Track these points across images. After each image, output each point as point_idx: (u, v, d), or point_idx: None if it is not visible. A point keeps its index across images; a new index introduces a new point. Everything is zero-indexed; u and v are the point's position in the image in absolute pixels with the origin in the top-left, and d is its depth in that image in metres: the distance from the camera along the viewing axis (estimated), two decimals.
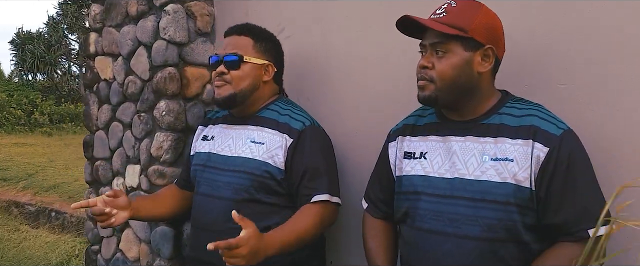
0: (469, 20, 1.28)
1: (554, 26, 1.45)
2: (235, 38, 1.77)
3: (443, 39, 1.29)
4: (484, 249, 1.25)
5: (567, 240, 1.22)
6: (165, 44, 2.06)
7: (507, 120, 1.30)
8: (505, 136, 1.28)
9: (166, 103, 2.07)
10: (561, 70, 1.44)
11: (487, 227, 1.24)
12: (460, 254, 1.26)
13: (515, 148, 1.25)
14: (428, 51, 1.33)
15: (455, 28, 1.27)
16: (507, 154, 1.25)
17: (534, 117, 1.28)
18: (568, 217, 1.21)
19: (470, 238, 1.25)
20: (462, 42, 1.28)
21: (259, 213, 1.66)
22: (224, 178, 1.72)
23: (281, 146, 1.67)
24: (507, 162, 1.25)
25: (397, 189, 1.45)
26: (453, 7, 1.31)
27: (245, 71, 1.72)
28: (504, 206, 1.24)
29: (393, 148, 1.49)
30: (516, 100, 1.35)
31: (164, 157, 2.07)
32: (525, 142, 1.25)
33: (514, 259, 1.25)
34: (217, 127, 1.86)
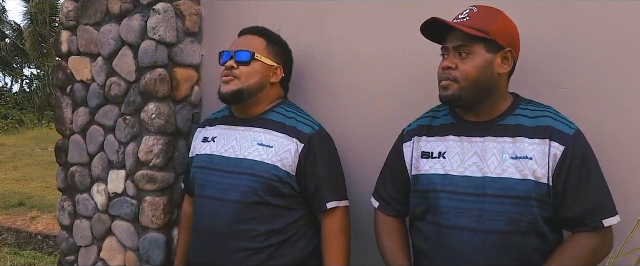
0: (491, 23, 1.36)
1: (555, 29, 1.55)
2: (249, 37, 1.79)
3: (467, 41, 1.37)
4: (508, 242, 1.33)
5: (583, 231, 1.33)
6: (154, 44, 2.00)
7: (522, 121, 1.39)
8: (523, 136, 1.36)
9: (156, 105, 2.01)
10: (561, 72, 1.55)
11: (510, 221, 1.33)
12: (485, 248, 1.34)
13: (533, 147, 1.34)
14: (451, 53, 1.40)
15: (479, 30, 1.34)
16: (526, 153, 1.34)
17: (548, 118, 1.38)
18: (584, 209, 1.32)
19: (495, 232, 1.33)
20: (485, 44, 1.36)
21: (267, 215, 1.67)
22: (230, 180, 1.70)
23: (290, 150, 1.69)
24: (526, 160, 1.34)
25: (414, 187, 1.50)
26: (475, 12, 1.38)
27: (255, 68, 1.73)
28: (525, 201, 1.32)
29: (408, 148, 1.54)
30: (527, 102, 1.45)
31: (154, 161, 2.01)
32: (542, 141, 1.34)
33: (534, 249, 1.35)
34: (217, 128, 1.83)
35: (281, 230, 1.69)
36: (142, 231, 2.08)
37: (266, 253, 1.67)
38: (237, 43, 1.78)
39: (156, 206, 2.03)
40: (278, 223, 1.68)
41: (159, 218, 2.03)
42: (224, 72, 1.73)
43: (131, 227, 2.09)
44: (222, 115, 1.88)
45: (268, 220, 1.68)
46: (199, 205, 1.76)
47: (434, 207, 1.43)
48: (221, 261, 1.69)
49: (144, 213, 2.04)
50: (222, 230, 1.68)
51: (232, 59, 1.72)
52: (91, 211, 2.22)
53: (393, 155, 1.60)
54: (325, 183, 1.70)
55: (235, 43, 1.79)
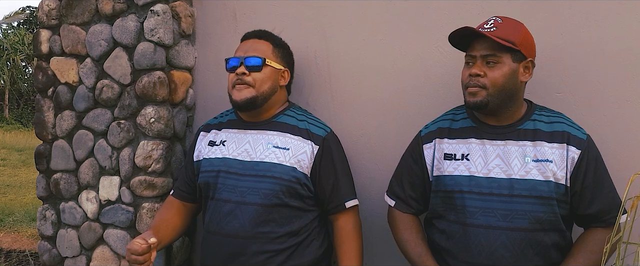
0: (517, 35, 1.46)
1: (552, 42, 1.68)
2: (255, 42, 1.79)
3: (495, 51, 1.46)
4: (532, 238, 1.45)
5: (599, 227, 1.47)
6: (152, 46, 1.95)
7: (540, 126, 1.51)
8: (542, 140, 1.49)
9: (155, 109, 1.96)
10: (558, 79, 1.70)
11: (535, 219, 1.44)
12: (512, 245, 1.45)
13: (553, 151, 1.47)
14: (478, 61, 1.49)
15: (507, 41, 1.44)
16: (547, 156, 1.46)
17: (563, 124, 1.51)
18: (601, 208, 1.46)
19: (521, 230, 1.44)
20: (511, 54, 1.47)
21: (286, 217, 1.71)
22: (248, 183, 1.71)
23: (306, 152, 1.73)
24: (547, 163, 1.46)
25: (436, 188, 1.59)
26: (500, 22, 1.48)
27: (267, 74, 1.75)
28: (548, 201, 1.45)
29: (429, 149, 1.62)
30: (541, 108, 1.57)
31: (154, 166, 1.97)
32: (561, 146, 1.47)
33: (554, 245, 1.47)
34: (225, 132, 1.83)
35: (298, 231, 1.72)
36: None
37: (285, 255, 1.70)
38: (244, 48, 1.78)
39: (155, 213, 1.99)
40: (295, 225, 1.72)
41: None
42: (236, 79, 1.74)
43: (127, 235, 2.04)
44: (228, 118, 1.88)
45: (287, 222, 1.71)
46: (215, 210, 1.75)
47: (458, 207, 1.52)
48: (241, 265, 1.70)
49: (142, 220, 2.00)
50: (242, 233, 1.69)
51: (243, 65, 1.73)
52: (79, 220, 2.13)
53: (411, 156, 1.67)
54: (343, 183, 1.77)
55: (242, 48, 1.79)
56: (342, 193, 1.76)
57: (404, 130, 1.88)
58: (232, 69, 1.76)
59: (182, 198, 1.90)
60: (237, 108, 1.77)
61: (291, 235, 1.71)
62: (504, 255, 1.45)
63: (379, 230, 1.90)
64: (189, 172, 1.89)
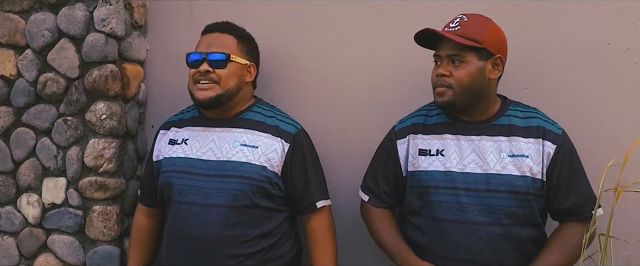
0: (481, 32, 1.49)
1: (520, 39, 1.73)
2: (218, 36, 1.71)
3: (459, 51, 1.48)
4: (509, 233, 1.49)
5: (574, 220, 1.53)
6: (104, 37, 1.83)
7: (515, 121, 1.55)
8: (517, 135, 1.53)
9: (107, 105, 1.84)
10: (526, 76, 1.76)
11: (512, 214, 1.48)
12: (490, 239, 1.48)
13: (529, 146, 1.51)
14: (444, 61, 1.51)
15: (470, 40, 1.47)
16: (523, 151, 1.51)
17: (538, 119, 1.56)
18: (576, 202, 1.52)
19: (499, 225, 1.48)
20: (476, 53, 1.49)
21: (257, 218, 1.66)
22: (214, 184, 1.64)
23: (276, 150, 1.68)
24: (523, 158, 1.50)
25: (411, 183, 1.60)
26: (466, 21, 1.50)
27: (232, 70, 1.68)
28: (524, 195, 1.49)
29: (403, 145, 1.62)
30: (516, 103, 1.62)
31: (106, 166, 1.85)
32: (537, 140, 1.52)
33: (530, 239, 1.52)
34: (187, 130, 1.75)
35: (269, 233, 1.68)
36: (89, 245, 1.90)
37: (257, 258, 1.65)
38: (206, 42, 1.70)
39: (108, 216, 1.87)
40: (266, 227, 1.67)
41: (112, 230, 1.88)
42: (198, 77, 1.66)
43: (75, 241, 1.90)
44: (190, 115, 1.80)
45: (257, 224, 1.66)
46: (178, 213, 1.67)
47: (434, 203, 1.54)
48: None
49: (93, 225, 1.87)
50: (209, 237, 1.62)
51: (206, 62, 1.65)
52: (18, 227, 1.96)
53: (384, 152, 1.68)
54: (313, 182, 1.73)
55: (204, 42, 1.71)
56: (314, 193, 1.73)
57: (373, 125, 1.88)
58: (193, 65, 1.68)
59: (148, 204, 1.82)
60: (201, 107, 1.70)
61: (262, 237, 1.66)
62: (482, 250, 1.48)
63: (349, 228, 1.89)
64: (149, 174, 1.80)
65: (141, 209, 1.87)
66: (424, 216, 1.57)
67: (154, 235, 1.86)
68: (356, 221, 1.84)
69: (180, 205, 1.67)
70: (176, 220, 1.67)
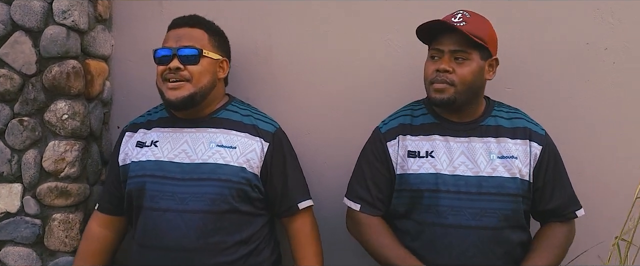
0: (485, 31, 1.47)
1: (502, 39, 1.70)
2: (188, 30, 1.61)
3: (466, 47, 1.44)
4: (501, 236, 1.47)
5: (557, 221, 1.53)
6: (65, 31, 1.69)
7: (501, 122, 1.54)
8: (505, 136, 1.51)
9: (69, 104, 1.70)
10: (508, 76, 1.75)
11: (504, 217, 1.46)
12: (482, 244, 1.45)
13: (517, 148, 1.50)
14: (446, 56, 1.46)
15: (477, 37, 1.44)
16: (512, 152, 1.49)
17: (523, 120, 1.55)
18: (560, 203, 1.52)
19: (491, 229, 1.46)
20: (480, 51, 1.46)
21: (236, 223, 1.58)
22: (190, 188, 1.54)
23: (256, 150, 1.60)
24: (512, 160, 1.48)
25: (399, 186, 1.55)
26: (469, 17, 1.47)
27: (205, 66, 1.59)
28: (514, 198, 1.48)
29: (393, 146, 1.57)
30: (498, 103, 1.61)
31: (68, 171, 1.71)
32: (524, 142, 1.51)
33: (519, 242, 1.51)
34: (156, 132, 1.65)
35: (248, 239, 1.60)
36: (48, 257, 1.75)
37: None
38: (175, 37, 1.60)
39: (70, 225, 1.73)
40: (245, 232, 1.59)
41: (75, 239, 1.73)
42: (169, 74, 1.56)
43: (32, 253, 1.74)
44: (158, 116, 1.70)
45: (236, 230, 1.58)
46: (150, 220, 1.56)
47: (426, 206, 1.49)
48: None
49: (53, 235, 1.72)
50: (186, 245, 1.52)
51: (176, 58, 1.56)
52: None
53: (373, 155, 1.60)
54: (294, 183, 1.67)
55: (173, 37, 1.61)
56: (295, 194, 1.66)
57: (353, 125, 1.84)
58: (162, 61, 1.58)
59: (110, 212, 1.69)
60: (173, 107, 1.60)
61: (241, 244, 1.58)
62: (475, 255, 1.45)
63: (328, 232, 1.82)
64: (114, 180, 1.68)
65: (98, 217, 1.72)
66: (414, 220, 1.53)
67: (107, 249, 1.71)
68: (338, 225, 1.79)
69: (152, 212, 1.56)
70: (148, 228, 1.56)
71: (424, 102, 1.64)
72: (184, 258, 1.52)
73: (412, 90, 1.78)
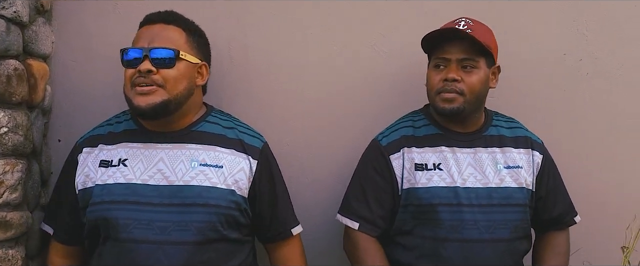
0: (490, 38, 1.46)
1: None
2: (163, 28, 1.43)
3: (474, 55, 1.43)
4: (512, 248, 1.48)
5: (557, 229, 1.58)
6: (4, 24, 1.40)
7: (503, 132, 1.55)
8: (508, 146, 1.52)
9: (9, 114, 1.41)
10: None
11: (514, 228, 1.47)
12: (496, 256, 1.45)
13: (521, 157, 1.52)
14: (453, 64, 1.44)
15: (485, 45, 1.42)
16: (517, 162, 1.51)
17: (522, 129, 1.58)
18: (562, 210, 1.57)
19: (503, 241, 1.46)
20: (486, 59, 1.46)
21: (224, 253, 1.42)
22: (171, 216, 1.36)
23: (244, 169, 1.45)
24: (518, 169, 1.50)
25: (406, 202, 1.49)
26: (472, 24, 1.45)
27: (181, 71, 1.41)
28: (522, 208, 1.49)
29: (398, 160, 1.51)
30: (495, 113, 1.62)
31: (8, 196, 1.41)
32: (526, 151, 1.53)
33: (525, 251, 1.53)
34: (124, 148, 1.44)
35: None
36: None
37: None
38: (147, 36, 1.41)
39: (11, 263, 1.43)
40: (233, 262, 1.44)
41: None
42: (138, 79, 1.36)
43: None
44: (123, 128, 1.48)
45: (224, 261, 1.42)
46: (121, 253, 1.35)
47: (435, 221, 1.45)
48: None
49: None
50: None
51: (148, 60, 1.36)
52: None
53: (374, 170, 1.53)
54: (285, 206, 1.55)
55: (145, 36, 1.42)
56: (288, 218, 1.54)
57: (337, 135, 1.77)
58: (131, 64, 1.38)
59: (67, 242, 1.46)
60: (141, 116, 1.41)
61: None
62: None
63: (312, 254, 1.71)
64: (70, 206, 1.44)
65: (57, 248, 1.50)
66: (421, 237, 1.48)
67: None
68: (322, 249, 1.71)
69: (125, 243, 1.35)
70: (121, 262, 1.35)
71: (424, 112, 1.60)
72: None
73: (398, 96, 1.77)
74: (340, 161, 1.75)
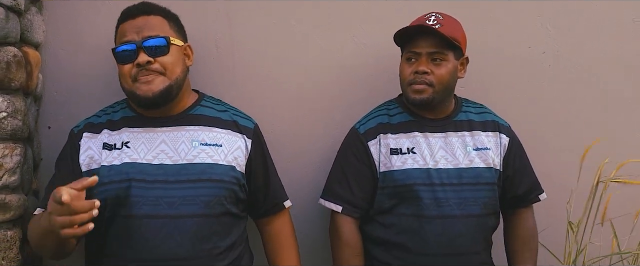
0: (458, 32, 1.62)
1: None
2: (145, 19, 1.54)
3: (443, 48, 1.58)
4: (482, 223, 1.64)
5: (523, 207, 1.75)
6: (4, 12, 1.47)
7: (471, 117, 1.71)
8: (477, 130, 1.69)
9: (8, 100, 1.49)
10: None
11: (484, 205, 1.64)
12: (468, 231, 1.61)
13: (489, 140, 1.68)
14: (423, 58, 1.59)
15: (453, 39, 1.58)
16: (485, 144, 1.67)
17: (490, 114, 1.74)
18: (527, 189, 1.74)
19: (474, 216, 1.62)
20: (454, 52, 1.61)
21: (227, 227, 1.55)
22: (180, 191, 1.47)
23: (241, 148, 1.58)
24: (487, 151, 1.67)
25: (384, 184, 1.64)
26: (442, 19, 1.61)
27: (174, 56, 1.53)
28: (491, 186, 1.66)
29: (375, 146, 1.66)
30: (465, 100, 1.78)
31: (7, 179, 1.49)
32: (494, 134, 1.70)
33: (493, 226, 1.70)
34: (126, 132, 1.54)
35: (233, 244, 1.57)
36: None
37: None
38: (134, 29, 1.51)
39: (10, 243, 1.51)
40: (233, 236, 1.57)
41: (15, 261, 1.52)
42: (139, 71, 1.47)
43: None
44: (120, 115, 1.58)
45: (227, 234, 1.55)
46: (130, 230, 1.45)
47: (412, 200, 1.60)
48: None
49: None
50: (181, 254, 1.45)
51: (143, 51, 1.47)
52: None
53: (353, 156, 1.67)
54: (276, 181, 1.69)
55: (131, 30, 1.51)
56: (280, 192, 1.68)
57: (318, 124, 1.90)
58: (126, 59, 1.48)
59: None
60: (148, 105, 1.50)
61: (230, 249, 1.55)
62: (462, 243, 1.60)
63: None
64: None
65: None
66: (399, 215, 1.63)
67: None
68: (304, 230, 1.83)
69: (132, 220, 1.44)
70: (130, 238, 1.45)
71: (397, 102, 1.75)
72: None
73: (377, 86, 1.90)
74: (321, 145, 1.88)
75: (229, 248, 1.53)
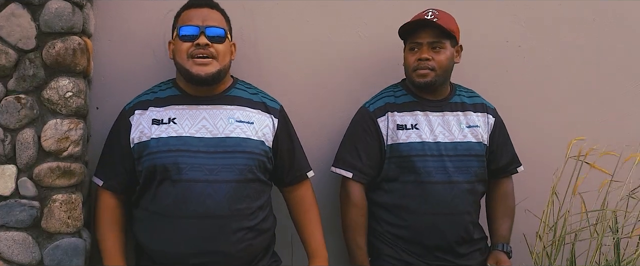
0: (453, 24, 1.97)
1: None
2: (209, 11, 1.86)
3: (441, 38, 1.93)
4: (473, 188, 2.00)
5: (504, 177, 2.12)
6: (70, 6, 1.75)
7: (464, 100, 2.07)
8: (469, 110, 2.04)
9: (73, 81, 1.77)
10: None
11: (474, 173, 1.99)
12: (463, 194, 1.97)
13: (479, 119, 2.04)
14: (424, 47, 1.93)
15: (449, 29, 1.93)
16: (476, 122, 2.03)
17: (478, 98, 2.10)
18: (508, 161, 2.11)
19: (466, 182, 1.98)
20: (450, 41, 1.96)
21: (257, 191, 1.86)
22: (218, 160, 1.78)
23: (268, 126, 1.89)
24: (477, 128, 2.02)
25: (391, 155, 1.98)
26: (438, 14, 1.96)
27: (227, 47, 1.84)
28: (480, 158, 2.01)
29: (384, 122, 1.99)
30: (458, 85, 2.13)
31: (72, 150, 1.77)
32: (483, 114, 2.06)
33: (482, 191, 2.07)
34: (172, 109, 1.84)
35: (262, 206, 1.88)
36: (46, 240, 1.78)
37: (255, 231, 1.84)
38: (200, 17, 1.81)
39: (73, 205, 1.79)
40: (262, 199, 1.87)
41: (78, 219, 1.80)
42: (196, 51, 1.77)
43: (28, 237, 1.76)
44: (167, 94, 1.87)
45: (257, 197, 1.85)
46: (176, 191, 1.75)
47: (415, 168, 1.94)
48: (216, 245, 1.76)
49: (53, 216, 1.77)
50: (218, 212, 1.75)
51: (203, 35, 1.77)
52: None
53: (363, 130, 2.01)
54: (301, 154, 2.00)
55: (196, 16, 1.81)
56: (303, 163, 1.99)
57: (331, 107, 2.22)
58: (188, 38, 1.78)
59: (117, 190, 1.86)
60: (199, 83, 1.80)
61: (260, 209, 1.86)
62: (458, 204, 1.96)
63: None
64: (124, 158, 1.83)
65: (107, 193, 1.87)
66: (404, 181, 1.96)
67: (124, 217, 1.90)
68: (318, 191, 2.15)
69: (179, 183, 1.75)
70: (177, 199, 1.75)
71: (402, 85, 2.09)
72: (217, 224, 1.75)
73: (376, 72, 2.24)
74: (334, 122, 2.21)
75: (258, 209, 1.84)
